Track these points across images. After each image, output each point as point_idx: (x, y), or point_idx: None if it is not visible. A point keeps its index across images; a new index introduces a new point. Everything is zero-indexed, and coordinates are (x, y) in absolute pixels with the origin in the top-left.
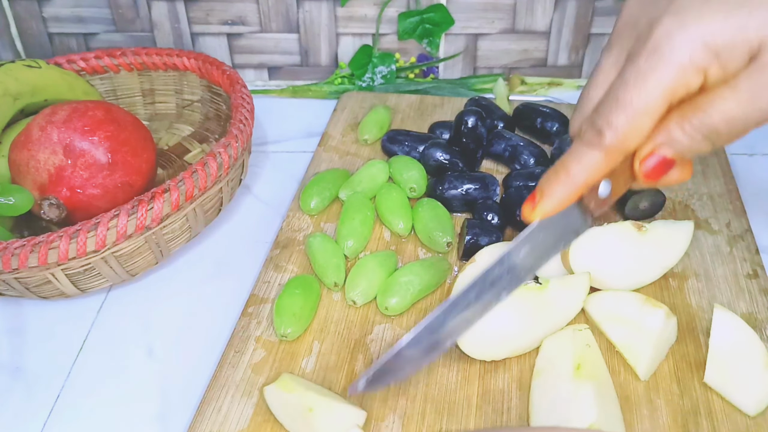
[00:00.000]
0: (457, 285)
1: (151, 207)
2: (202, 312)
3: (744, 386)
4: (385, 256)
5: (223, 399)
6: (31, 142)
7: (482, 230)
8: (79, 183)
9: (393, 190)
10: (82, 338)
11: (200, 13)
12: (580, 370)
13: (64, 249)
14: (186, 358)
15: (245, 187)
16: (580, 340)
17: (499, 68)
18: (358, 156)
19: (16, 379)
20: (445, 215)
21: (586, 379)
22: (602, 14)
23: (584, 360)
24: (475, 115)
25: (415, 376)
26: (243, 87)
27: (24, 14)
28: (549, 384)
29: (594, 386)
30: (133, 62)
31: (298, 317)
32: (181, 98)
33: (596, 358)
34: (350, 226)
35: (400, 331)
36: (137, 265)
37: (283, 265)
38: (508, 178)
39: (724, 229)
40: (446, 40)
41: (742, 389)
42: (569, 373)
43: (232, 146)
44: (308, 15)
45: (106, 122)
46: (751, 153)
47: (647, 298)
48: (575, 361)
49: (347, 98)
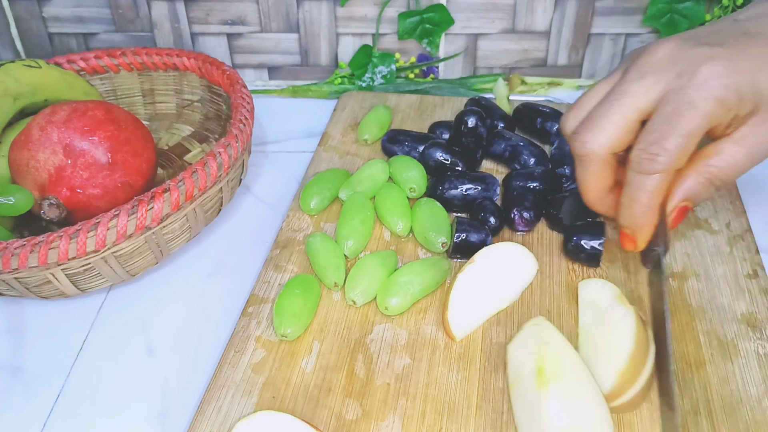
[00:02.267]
0: (456, 284)
1: (151, 207)
2: (202, 312)
3: (604, 364)
4: (385, 256)
5: (223, 399)
6: (31, 142)
7: (471, 228)
8: (79, 183)
9: (393, 191)
10: (82, 338)
11: (200, 13)
12: (542, 375)
13: (64, 249)
14: (186, 358)
15: (245, 187)
16: (538, 338)
17: (499, 68)
18: (358, 156)
19: (16, 379)
20: (442, 215)
21: (550, 383)
22: (602, 14)
23: (545, 361)
24: (475, 115)
25: (415, 376)
26: (243, 87)
27: (24, 14)
28: (521, 394)
29: (559, 388)
30: (133, 62)
31: (298, 317)
32: (181, 98)
33: (558, 353)
34: (350, 226)
35: (399, 330)
36: (137, 265)
37: (283, 265)
38: (508, 178)
39: (724, 229)
40: (446, 40)
41: (602, 365)
42: (532, 383)
43: (232, 146)
44: (308, 15)
45: (106, 122)
46: None
47: (620, 294)
48: (537, 365)
49: (347, 98)
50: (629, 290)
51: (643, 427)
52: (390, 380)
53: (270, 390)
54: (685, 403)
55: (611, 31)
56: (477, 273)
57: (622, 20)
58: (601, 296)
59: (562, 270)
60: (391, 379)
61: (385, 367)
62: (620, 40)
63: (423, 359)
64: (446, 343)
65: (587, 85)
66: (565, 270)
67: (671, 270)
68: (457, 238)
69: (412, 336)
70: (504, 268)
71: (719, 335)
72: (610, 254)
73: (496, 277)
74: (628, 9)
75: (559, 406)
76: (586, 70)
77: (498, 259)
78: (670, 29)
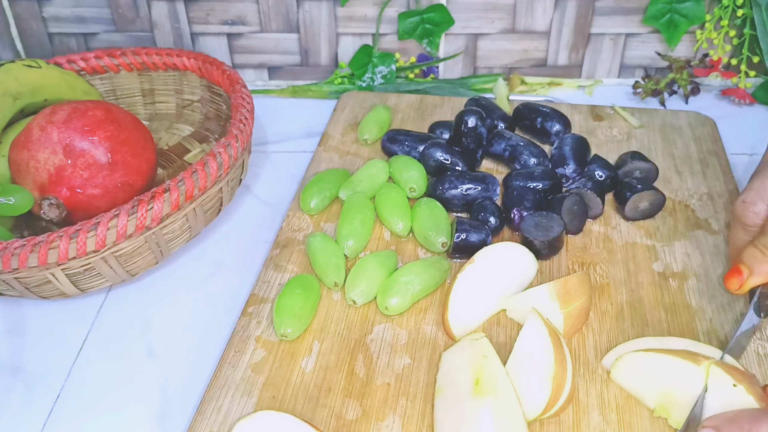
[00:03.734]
0: (456, 284)
1: (151, 207)
2: (202, 312)
3: (529, 388)
4: (385, 255)
5: (223, 399)
6: (31, 142)
7: (471, 228)
8: (79, 183)
9: (392, 191)
10: (82, 338)
11: (200, 13)
12: (479, 386)
13: (64, 249)
14: (186, 357)
15: (245, 187)
16: (477, 352)
17: (499, 68)
18: (358, 156)
19: (16, 379)
20: (441, 215)
21: (485, 396)
22: (602, 14)
23: (483, 373)
24: (475, 115)
25: (415, 376)
26: (243, 87)
27: (24, 14)
28: (451, 401)
29: (493, 403)
30: (133, 62)
31: (298, 317)
32: (181, 98)
33: (495, 369)
34: (350, 226)
35: (400, 330)
36: (137, 265)
37: (283, 265)
38: (508, 177)
39: (724, 230)
40: (446, 40)
41: (527, 390)
42: (469, 390)
43: (232, 146)
44: (308, 15)
45: (106, 122)
46: (751, 153)
47: (552, 295)
48: (474, 376)
49: (347, 98)
50: (629, 290)
51: (644, 427)
52: (390, 380)
53: (270, 390)
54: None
55: (611, 31)
56: (477, 273)
57: (622, 20)
58: (527, 308)
59: (562, 270)
60: (391, 379)
61: (385, 367)
62: (620, 40)
63: (423, 359)
64: (446, 343)
65: (587, 84)
66: (566, 270)
67: (671, 270)
68: (457, 238)
69: (412, 336)
70: (504, 268)
71: (719, 335)
72: (611, 254)
73: (496, 277)
74: (628, 9)
75: (492, 419)
76: (586, 70)
77: (498, 259)
78: (670, 29)
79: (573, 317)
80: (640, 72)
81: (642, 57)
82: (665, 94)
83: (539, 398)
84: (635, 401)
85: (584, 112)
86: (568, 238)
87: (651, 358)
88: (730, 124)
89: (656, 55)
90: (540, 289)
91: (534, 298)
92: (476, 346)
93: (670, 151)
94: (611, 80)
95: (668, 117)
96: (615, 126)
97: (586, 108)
